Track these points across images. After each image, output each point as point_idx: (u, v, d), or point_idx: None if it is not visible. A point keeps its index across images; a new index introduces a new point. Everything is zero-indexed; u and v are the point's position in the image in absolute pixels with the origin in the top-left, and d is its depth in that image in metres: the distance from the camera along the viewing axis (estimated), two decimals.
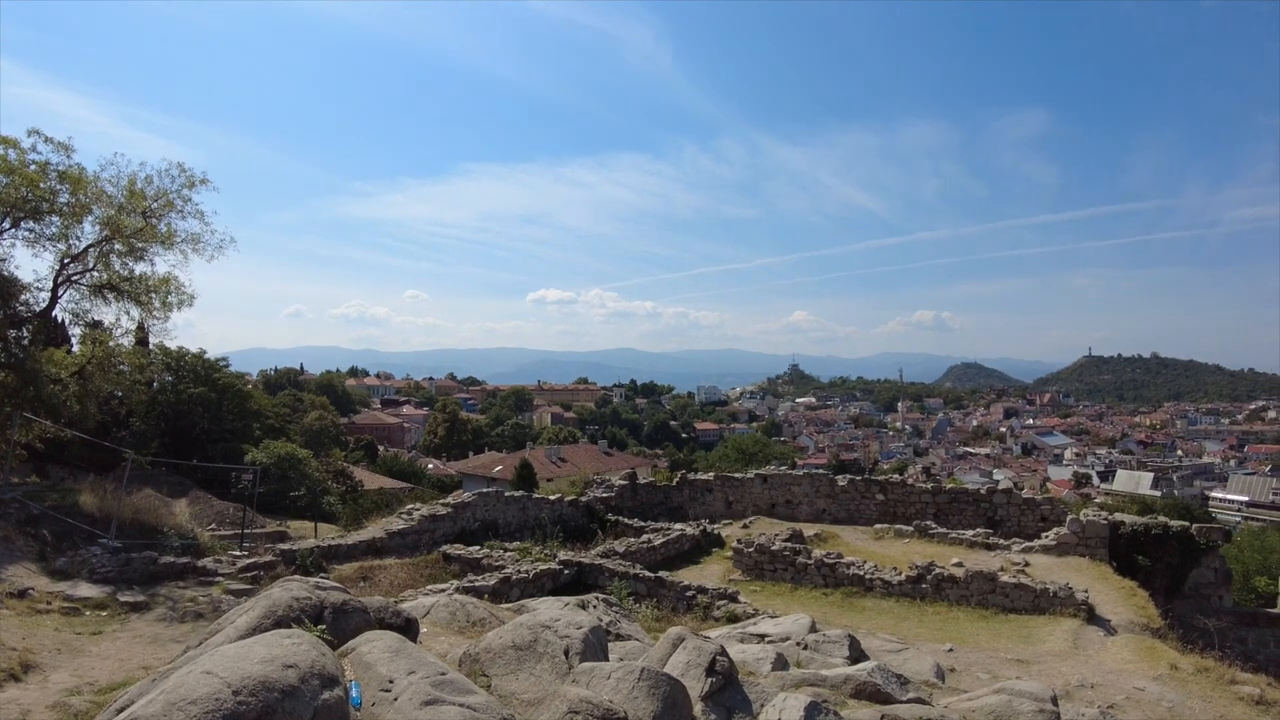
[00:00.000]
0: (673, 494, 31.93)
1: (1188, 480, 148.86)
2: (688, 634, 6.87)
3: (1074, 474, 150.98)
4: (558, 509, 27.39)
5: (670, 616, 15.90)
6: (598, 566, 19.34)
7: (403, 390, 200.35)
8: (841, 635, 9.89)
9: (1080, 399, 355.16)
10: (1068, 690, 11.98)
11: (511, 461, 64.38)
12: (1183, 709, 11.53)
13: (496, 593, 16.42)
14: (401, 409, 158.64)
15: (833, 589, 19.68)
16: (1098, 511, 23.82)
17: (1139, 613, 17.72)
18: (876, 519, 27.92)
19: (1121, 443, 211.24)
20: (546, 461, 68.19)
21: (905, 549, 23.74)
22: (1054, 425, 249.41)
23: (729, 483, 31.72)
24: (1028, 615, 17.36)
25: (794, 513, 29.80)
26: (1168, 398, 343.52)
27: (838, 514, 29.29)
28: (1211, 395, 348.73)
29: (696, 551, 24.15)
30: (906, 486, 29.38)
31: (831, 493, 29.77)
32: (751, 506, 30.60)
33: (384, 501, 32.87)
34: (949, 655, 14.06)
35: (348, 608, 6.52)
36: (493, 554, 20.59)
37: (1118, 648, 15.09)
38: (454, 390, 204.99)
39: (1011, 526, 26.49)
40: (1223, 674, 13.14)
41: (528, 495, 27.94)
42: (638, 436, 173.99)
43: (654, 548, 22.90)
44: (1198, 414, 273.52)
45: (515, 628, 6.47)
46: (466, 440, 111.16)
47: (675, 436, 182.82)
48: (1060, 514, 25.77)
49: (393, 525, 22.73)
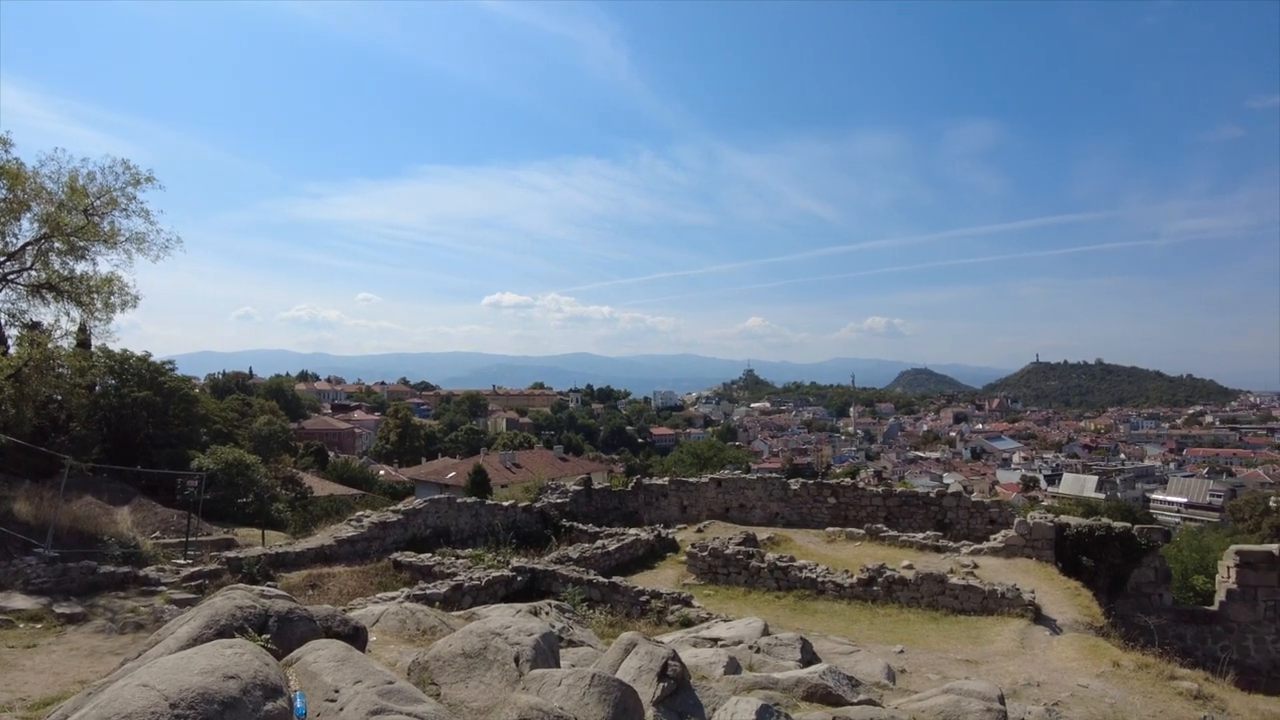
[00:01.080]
0: (628, 499, 31.89)
1: (1130, 483, 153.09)
2: (640, 639, 6.86)
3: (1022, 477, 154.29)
4: (511, 515, 27.19)
5: (624, 622, 15.86)
6: (551, 573, 19.23)
7: (354, 395, 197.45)
8: (794, 638, 9.96)
9: (1028, 404, 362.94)
10: (1015, 689, 12.18)
11: (465, 467, 63.81)
12: (1124, 705, 11.79)
13: (448, 600, 16.25)
14: (353, 414, 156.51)
15: (785, 592, 19.79)
16: (1044, 514, 24.28)
17: (1083, 612, 18.10)
18: (829, 522, 28.16)
19: (1067, 447, 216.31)
20: (501, 467, 67.70)
21: (857, 552, 23.98)
22: (1002, 430, 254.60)
23: (684, 487, 31.77)
24: (977, 616, 17.62)
25: (748, 516, 29.95)
26: (1111, 403, 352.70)
27: (791, 517, 29.50)
28: (1153, 400, 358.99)
29: (651, 556, 24.15)
30: (858, 490, 29.68)
31: (784, 496, 29.98)
32: (706, 511, 30.68)
33: (334, 508, 32.38)
34: (900, 657, 14.22)
35: (294, 616, 6.39)
36: (444, 561, 20.38)
37: (1063, 646, 15.39)
38: (407, 395, 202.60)
39: (961, 529, 26.89)
40: (1162, 670, 13.46)
41: (481, 501, 27.70)
42: (594, 442, 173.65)
43: (608, 553, 22.85)
44: (1140, 419, 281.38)
45: (465, 635, 6.40)
46: (419, 446, 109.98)
47: (631, 441, 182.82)
48: (1008, 517, 26.24)
49: (342, 532, 22.38)
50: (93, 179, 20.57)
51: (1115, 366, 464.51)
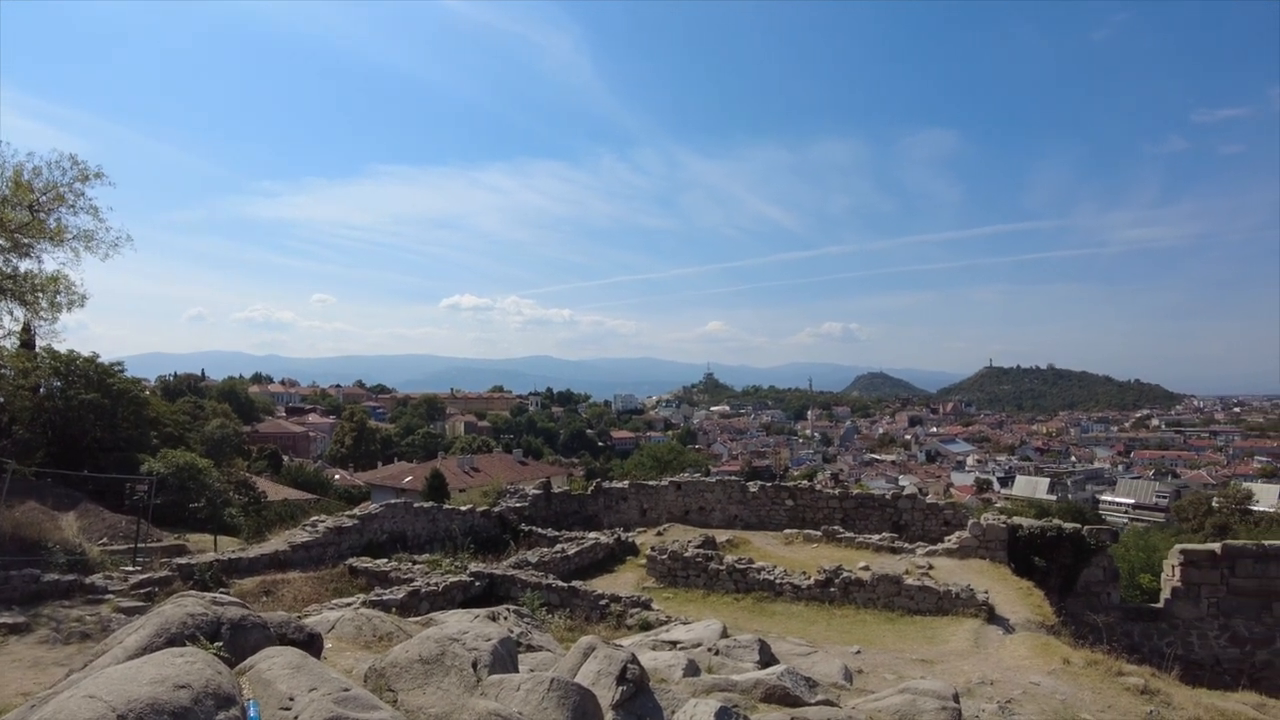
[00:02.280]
0: (588, 503, 31.83)
1: (1081, 485, 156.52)
2: (599, 643, 6.84)
3: (976, 480, 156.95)
4: (469, 520, 26.99)
5: (583, 626, 15.83)
6: (510, 578, 19.13)
7: (309, 398, 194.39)
8: (752, 640, 10.00)
9: (981, 408, 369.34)
10: (969, 688, 12.35)
11: (422, 472, 63.23)
12: (1074, 701, 12.03)
13: (404, 606, 16.08)
14: (307, 417, 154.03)
15: (744, 594, 19.90)
16: (997, 515, 24.69)
17: (1035, 611, 18.44)
18: (787, 524, 28.38)
19: (1020, 450, 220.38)
20: (459, 471, 67.19)
21: (814, 553, 24.18)
22: (956, 433, 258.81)
23: (644, 490, 31.80)
24: (932, 616, 17.86)
25: (707, 519, 30.07)
26: (1063, 407, 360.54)
27: (749, 520, 29.67)
28: (1102, 404, 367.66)
29: (611, 560, 24.12)
30: (815, 492, 29.95)
31: (743, 499, 30.15)
32: (666, 514, 30.74)
33: (288, 513, 31.89)
34: (857, 657, 14.35)
35: (247, 623, 6.27)
36: (401, 566, 20.18)
37: (1016, 645, 15.65)
38: (362, 398, 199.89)
39: (916, 530, 27.26)
40: (1110, 666, 13.76)
41: (438, 506, 27.45)
42: (554, 445, 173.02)
43: (568, 557, 22.79)
44: (1090, 422, 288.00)
45: (422, 641, 6.33)
46: (375, 450, 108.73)
47: (592, 445, 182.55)
48: (962, 518, 26.65)
49: (297, 538, 22.05)
50: (39, 174, 20.05)
51: (1066, 371, 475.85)
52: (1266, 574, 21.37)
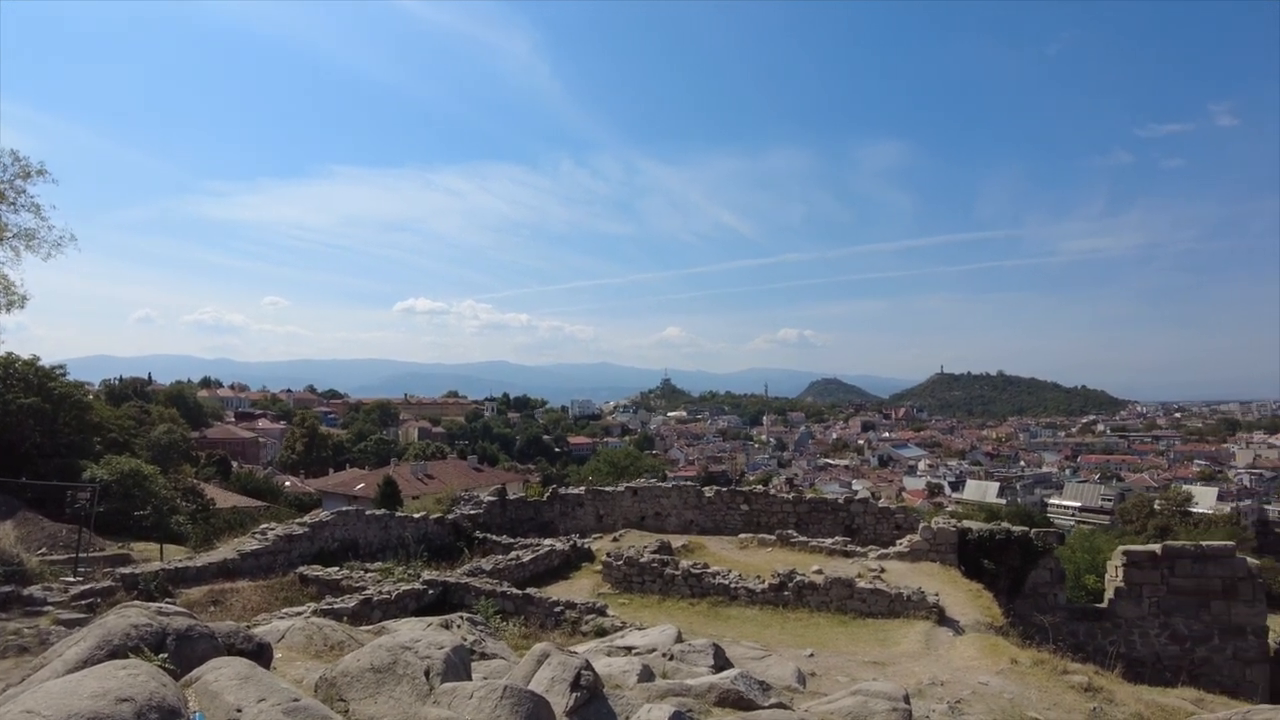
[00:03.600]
0: (543, 509, 31.71)
1: (1029, 488, 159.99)
2: (553, 649, 6.83)
3: (927, 484, 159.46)
4: (423, 527, 26.73)
5: (538, 633, 15.76)
6: (464, 585, 18.97)
7: (259, 402, 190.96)
8: (706, 644, 10.05)
9: (933, 414, 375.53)
10: (920, 689, 12.54)
11: (374, 478, 62.45)
12: (1021, 699, 12.28)
13: (356, 615, 15.87)
14: (257, 422, 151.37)
15: (699, 599, 19.97)
16: (948, 519, 25.11)
17: (984, 613, 18.78)
18: (742, 529, 28.52)
19: (970, 454, 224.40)
20: (412, 478, 66.48)
21: (769, 557, 24.34)
22: (909, 438, 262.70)
23: (600, 496, 31.76)
24: (884, 619, 18.08)
25: (663, 524, 30.12)
26: (1012, 412, 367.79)
27: (705, 525, 29.78)
28: (1050, 410, 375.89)
29: (566, 567, 24.04)
30: (770, 497, 30.14)
31: (699, 504, 30.26)
32: (622, 519, 30.74)
33: (237, 521, 31.28)
34: (810, 660, 14.49)
35: (193, 634, 6.15)
36: (353, 575, 19.91)
37: (965, 646, 15.92)
38: (314, 403, 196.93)
39: (868, 534, 27.58)
40: (1056, 665, 14.09)
41: (391, 514, 27.14)
42: (510, 451, 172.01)
43: (523, 564, 22.66)
44: (1038, 427, 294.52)
45: (374, 649, 6.27)
46: (327, 456, 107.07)
47: (548, 451, 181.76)
48: (913, 522, 27.03)
49: (246, 546, 21.65)
50: None
51: (1015, 378, 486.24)
52: (1204, 573, 22.02)
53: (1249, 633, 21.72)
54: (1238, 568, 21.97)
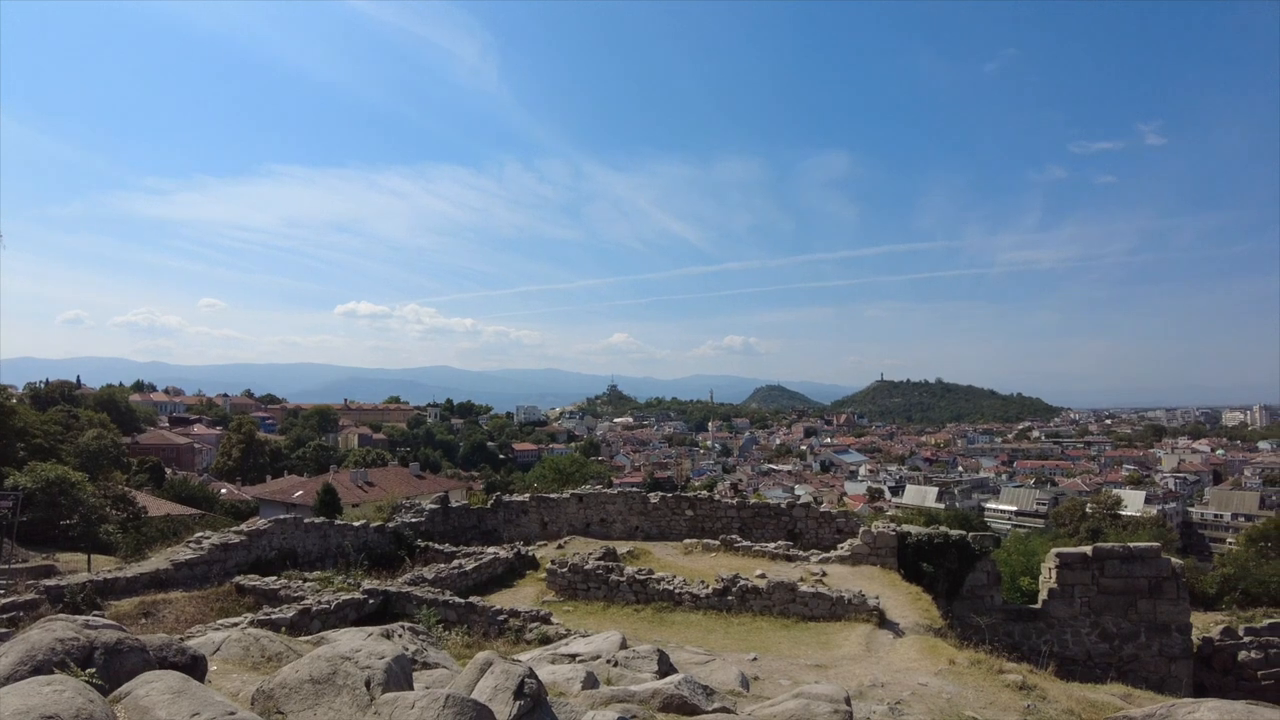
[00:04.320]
0: (487, 517, 31.43)
1: (967, 493, 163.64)
2: (495, 658, 6.78)
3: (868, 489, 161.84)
4: (363, 535, 26.31)
5: (481, 642, 15.61)
6: (405, 594, 18.72)
7: (194, 407, 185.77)
8: (651, 650, 10.07)
9: (874, 420, 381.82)
10: (861, 690, 12.73)
11: (314, 485, 61.24)
12: (959, 699, 12.54)
13: (295, 625, 15.54)
14: (192, 428, 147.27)
15: (644, 605, 19.99)
16: (887, 523, 25.53)
17: (923, 615, 19.14)
18: (687, 534, 28.66)
19: (910, 460, 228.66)
20: (352, 485, 65.42)
21: (713, 562, 24.49)
22: (850, 444, 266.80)
23: (545, 503, 31.60)
24: (826, 622, 18.32)
25: (609, 531, 30.10)
26: (950, 419, 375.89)
27: (650, 530, 29.84)
28: (987, 416, 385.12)
29: (510, 575, 23.86)
30: (714, 502, 30.33)
31: (644, 510, 30.31)
32: (567, 526, 30.63)
33: (171, 530, 30.44)
34: (753, 664, 14.61)
35: (123, 647, 5.96)
36: (291, 584, 19.51)
37: (905, 648, 16.22)
38: (251, 408, 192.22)
39: (810, 538, 27.93)
40: (993, 665, 14.44)
41: (330, 522, 26.67)
42: (453, 458, 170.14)
43: (466, 573, 22.44)
44: (975, 433, 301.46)
45: (313, 660, 6.15)
46: (264, 463, 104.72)
47: (493, 458, 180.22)
48: (854, 526, 27.46)
49: (180, 555, 21.07)
50: None
51: (954, 385, 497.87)
52: (1132, 574, 22.76)
53: (1174, 630, 22.49)
54: (1163, 568, 22.76)
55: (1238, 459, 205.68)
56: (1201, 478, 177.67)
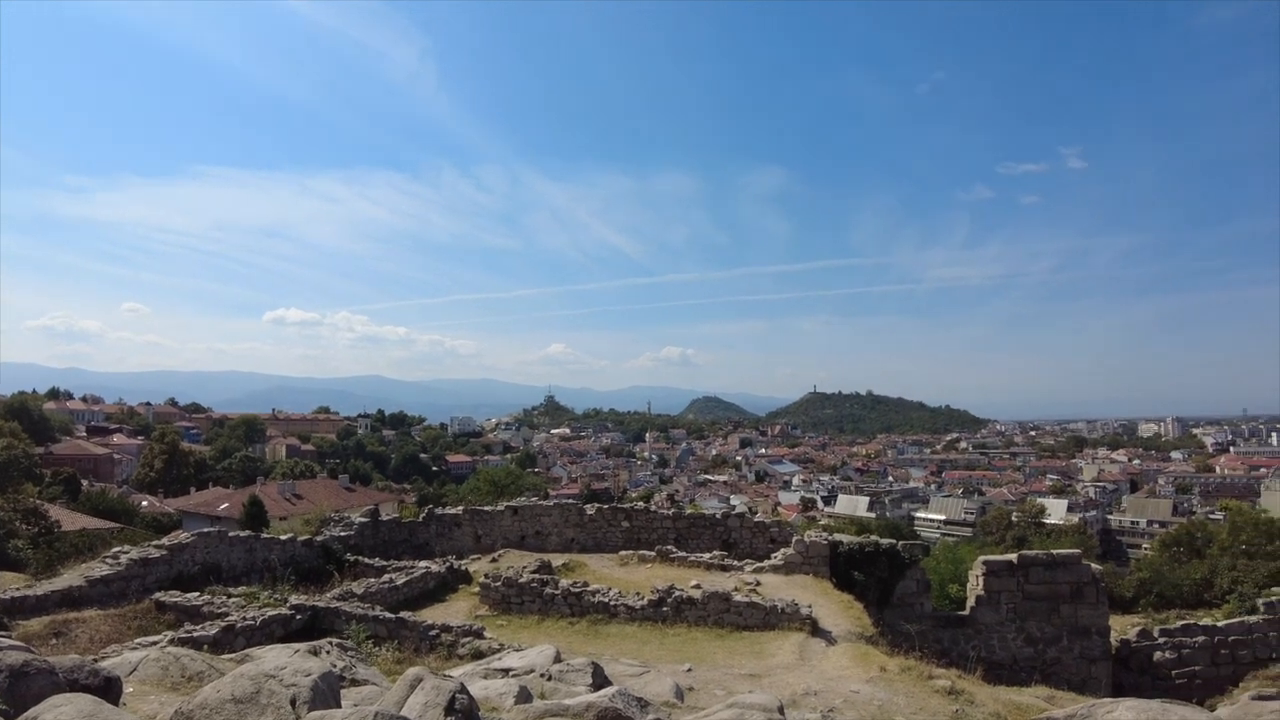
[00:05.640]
0: (419, 530, 30.94)
1: (897, 502, 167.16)
2: (426, 673, 6.66)
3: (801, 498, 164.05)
4: (290, 549, 25.68)
5: (413, 658, 15.33)
6: (334, 610, 18.29)
7: (114, 416, 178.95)
8: (585, 663, 10.01)
9: (807, 431, 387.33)
10: (794, 699, 12.85)
11: (239, 498, 59.58)
12: (890, 705, 12.76)
13: (218, 642, 15.06)
14: (111, 438, 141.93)
15: (579, 617, 19.88)
16: (820, 533, 25.85)
17: (855, 623, 19.43)
18: (622, 546, 28.61)
19: (842, 470, 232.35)
20: (279, 498, 63.89)
21: (648, 573, 24.49)
22: (784, 454, 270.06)
23: (478, 516, 31.23)
24: (760, 631, 18.43)
25: (544, 544, 29.88)
26: (881, 430, 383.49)
27: (586, 543, 29.72)
28: (916, 428, 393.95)
29: (442, 589, 23.51)
30: (651, 513, 30.37)
31: (580, 522, 30.19)
32: (501, 539, 30.32)
33: (86, 544, 29.16)
34: (688, 675, 14.63)
35: (30, 669, 5.69)
36: (214, 600, 18.92)
37: (837, 656, 16.44)
38: (175, 417, 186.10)
39: (745, 548, 28.13)
40: (922, 671, 14.77)
41: (256, 535, 26.00)
42: (384, 470, 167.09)
43: (396, 587, 22.04)
44: (905, 444, 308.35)
45: (235, 679, 5.96)
46: (188, 474, 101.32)
47: (425, 470, 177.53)
48: (787, 535, 27.73)
49: (95, 571, 20.26)
50: None
51: (884, 397, 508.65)
52: (1055, 580, 23.46)
53: (1094, 633, 23.24)
54: (1083, 574, 23.50)
55: (1152, 468, 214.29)
56: (1119, 486, 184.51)
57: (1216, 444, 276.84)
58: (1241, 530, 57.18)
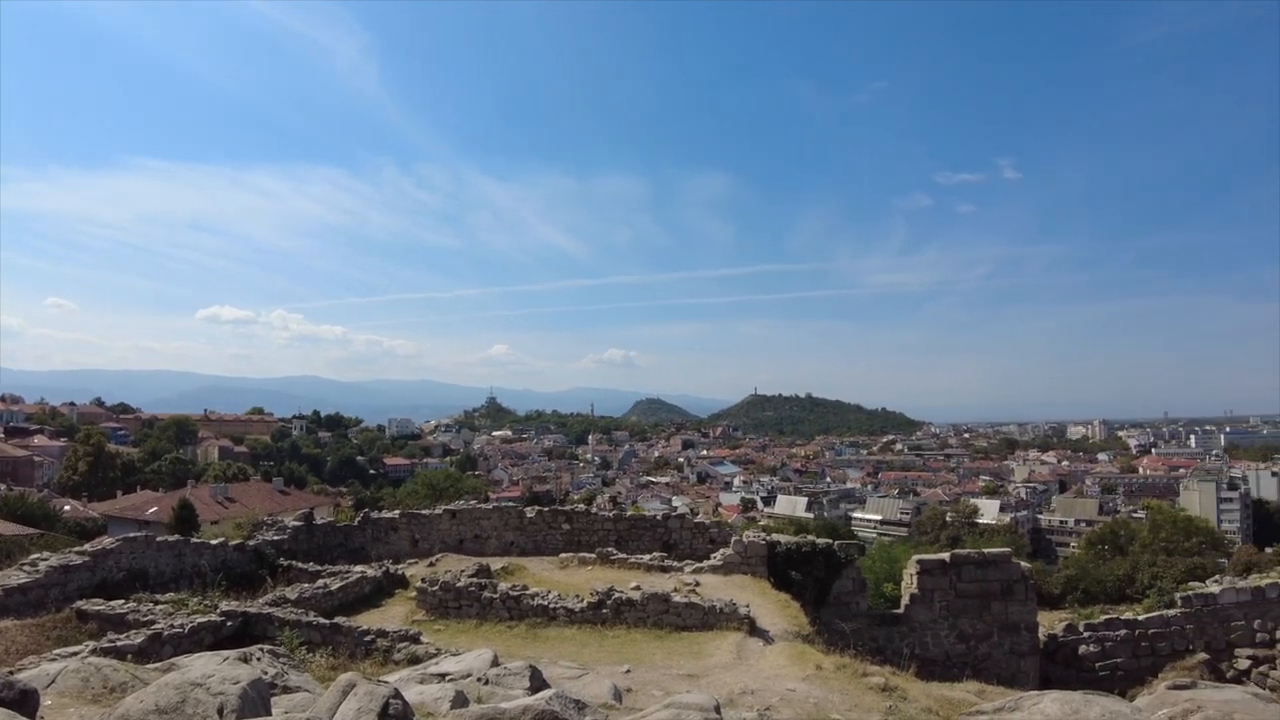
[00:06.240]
0: (354, 534, 30.42)
1: (835, 503, 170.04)
2: (360, 679, 6.58)
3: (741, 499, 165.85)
4: (221, 554, 25.04)
5: (348, 664, 15.09)
6: (266, 616, 17.87)
7: (35, 417, 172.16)
8: (523, 667, 9.97)
9: (747, 432, 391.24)
10: (731, 698, 12.97)
11: (169, 501, 57.90)
12: (825, 703, 12.96)
13: (144, 652, 14.62)
14: (32, 439, 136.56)
15: (518, 621, 19.76)
16: (759, 533, 26.12)
17: (792, 622, 19.65)
18: (563, 548, 28.50)
19: (781, 471, 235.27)
20: (211, 501, 62.34)
21: (588, 576, 24.47)
22: (725, 456, 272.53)
23: (416, 520, 30.82)
24: (699, 632, 18.50)
25: (483, 547, 29.63)
26: (819, 432, 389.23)
27: (526, 546, 29.55)
28: (854, 430, 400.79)
29: (378, 594, 23.16)
30: (591, 515, 30.33)
31: (520, 525, 30.01)
32: (439, 543, 29.96)
33: (4, 551, 28.16)
34: (626, 676, 14.66)
35: None
36: (140, 608, 18.31)
37: (775, 655, 16.62)
38: (101, 418, 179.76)
39: (685, 549, 28.27)
40: (857, 669, 15.04)
41: (186, 540, 25.24)
42: (319, 473, 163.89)
43: (331, 592, 21.65)
44: (843, 446, 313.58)
45: (160, 688, 5.81)
46: (115, 477, 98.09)
47: (362, 473, 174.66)
48: (727, 536, 27.95)
49: (11, 579, 19.46)
50: None
51: (822, 400, 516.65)
52: (986, 578, 24.06)
53: (1023, 629, 23.89)
54: (1014, 571, 24.16)
55: (1080, 469, 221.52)
56: (1049, 487, 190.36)
57: (1140, 446, 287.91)
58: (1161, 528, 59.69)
